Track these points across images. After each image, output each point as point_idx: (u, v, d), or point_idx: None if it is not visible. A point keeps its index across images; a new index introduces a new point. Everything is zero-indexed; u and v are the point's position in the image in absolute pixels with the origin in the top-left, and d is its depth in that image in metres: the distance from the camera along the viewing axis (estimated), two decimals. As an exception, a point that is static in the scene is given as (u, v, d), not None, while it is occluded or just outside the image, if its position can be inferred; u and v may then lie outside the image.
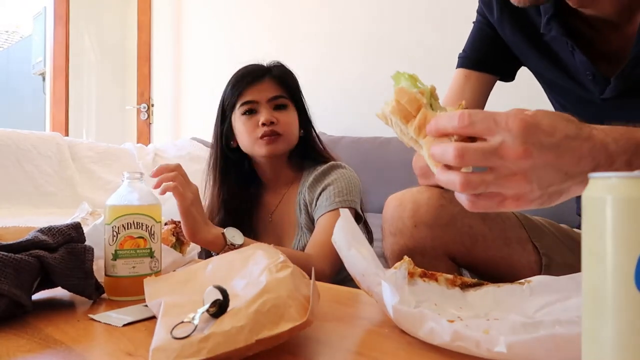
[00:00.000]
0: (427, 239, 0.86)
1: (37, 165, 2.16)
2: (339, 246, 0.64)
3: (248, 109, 1.21)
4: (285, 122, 1.21)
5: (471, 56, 1.01)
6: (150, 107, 3.58)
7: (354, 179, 1.18)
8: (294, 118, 1.24)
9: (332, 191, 1.13)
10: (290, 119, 1.22)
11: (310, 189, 1.18)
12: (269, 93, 1.21)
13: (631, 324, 0.31)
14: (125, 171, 0.77)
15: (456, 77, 1.02)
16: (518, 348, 0.44)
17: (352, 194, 1.14)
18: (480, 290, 0.67)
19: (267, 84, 1.22)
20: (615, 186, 0.32)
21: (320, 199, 1.15)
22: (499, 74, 1.02)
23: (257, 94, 1.21)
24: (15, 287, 0.61)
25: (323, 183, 1.16)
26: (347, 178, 1.17)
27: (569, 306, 0.59)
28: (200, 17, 3.33)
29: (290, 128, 1.22)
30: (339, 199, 1.12)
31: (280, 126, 1.19)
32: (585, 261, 0.33)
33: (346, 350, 0.54)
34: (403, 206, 0.89)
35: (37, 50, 4.12)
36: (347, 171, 1.19)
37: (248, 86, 1.21)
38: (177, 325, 0.46)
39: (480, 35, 1.01)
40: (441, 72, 1.14)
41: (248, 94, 1.21)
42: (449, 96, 1.02)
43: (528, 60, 0.97)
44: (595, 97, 0.86)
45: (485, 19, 1.00)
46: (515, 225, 0.92)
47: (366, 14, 2.49)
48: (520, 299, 0.64)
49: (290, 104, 1.24)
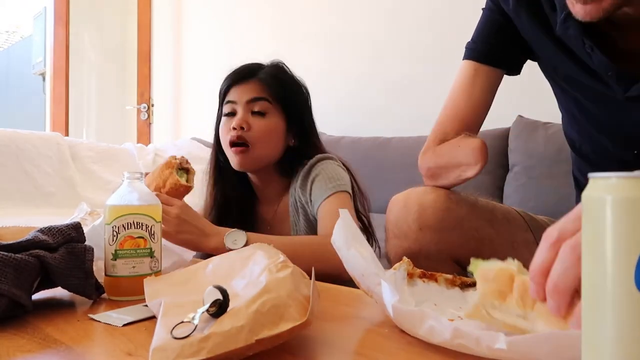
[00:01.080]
0: (432, 243, 0.84)
1: (37, 165, 2.16)
2: (338, 246, 0.64)
3: (229, 110, 1.13)
4: (259, 129, 1.09)
5: (481, 48, 0.95)
6: (150, 107, 3.58)
7: (339, 168, 1.12)
8: (274, 127, 1.11)
9: (321, 180, 1.08)
10: (267, 127, 1.10)
11: (301, 187, 1.12)
12: (250, 94, 1.11)
13: (631, 324, 0.31)
14: (125, 171, 0.77)
15: (464, 70, 0.97)
16: (518, 346, 0.44)
17: (342, 179, 1.09)
18: None
19: (251, 85, 1.12)
20: (615, 186, 0.32)
21: (313, 193, 1.09)
22: (507, 68, 0.97)
23: (238, 95, 1.12)
24: (15, 287, 0.61)
25: (311, 177, 1.10)
26: (332, 167, 1.11)
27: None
28: (200, 17, 3.33)
29: (263, 137, 1.09)
30: (331, 184, 1.07)
31: (250, 134, 1.08)
32: (585, 261, 0.33)
33: (346, 350, 0.54)
34: (408, 208, 0.87)
35: (37, 50, 4.12)
36: (332, 162, 1.13)
37: (233, 85, 1.14)
38: (177, 325, 0.46)
39: (491, 25, 0.95)
40: (442, 72, 1.14)
41: (231, 93, 1.13)
42: (457, 91, 0.97)
43: (544, 53, 0.92)
44: (618, 95, 0.81)
45: (498, 8, 0.93)
46: (522, 228, 0.90)
47: (367, 14, 2.49)
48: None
49: (274, 110, 1.12)
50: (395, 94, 2.38)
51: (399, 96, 2.37)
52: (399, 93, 2.37)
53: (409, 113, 2.31)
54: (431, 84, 2.20)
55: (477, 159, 0.84)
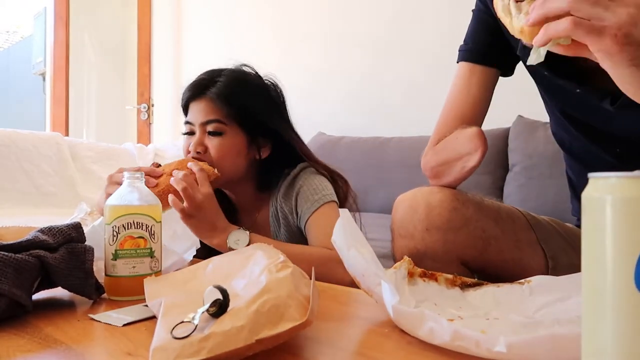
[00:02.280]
0: (439, 243, 0.83)
1: (37, 165, 2.17)
2: (338, 246, 0.64)
3: (187, 129, 1.11)
4: (216, 150, 1.07)
5: (474, 49, 0.96)
6: (150, 107, 3.58)
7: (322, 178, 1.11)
8: (231, 145, 1.08)
9: (306, 192, 1.07)
10: (222, 147, 1.07)
11: (284, 197, 1.10)
12: (203, 115, 1.08)
13: (631, 324, 0.31)
14: (126, 171, 0.78)
15: (460, 72, 0.97)
16: (518, 348, 0.44)
17: (326, 189, 1.08)
18: (480, 290, 0.67)
19: (204, 104, 1.09)
20: (615, 186, 0.32)
21: (299, 206, 1.09)
22: (501, 68, 0.97)
23: (194, 115, 1.09)
24: (15, 287, 0.61)
25: (295, 188, 1.09)
26: (315, 178, 1.10)
27: (568, 306, 0.59)
28: (200, 17, 3.33)
29: (222, 157, 1.07)
30: (317, 196, 1.06)
31: (208, 156, 1.07)
32: (585, 261, 0.33)
33: (346, 350, 0.54)
34: (414, 208, 0.86)
35: (37, 50, 4.12)
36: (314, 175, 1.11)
37: (189, 102, 1.11)
38: (177, 325, 0.46)
39: (481, 26, 0.96)
40: (443, 72, 1.14)
41: (189, 112, 1.11)
42: (455, 92, 0.97)
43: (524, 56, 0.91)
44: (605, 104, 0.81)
45: (486, 8, 0.94)
46: (525, 227, 0.90)
47: (367, 14, 2.49)
48: (519, 299, 0.64)
49: (231, 128, 1.08)
50: (395, 94, 2.38)
51: (399, 96, 2.37)
52: (399, 93, 2.37)
53: (409, 113, 2.31)
54: (432, 84, 2.21)
55: (477, 145, 0.83)
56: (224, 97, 1.08)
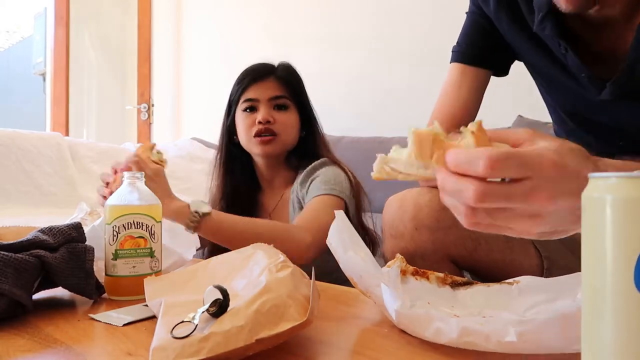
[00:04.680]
0: (428, 242, 0.84)
1: (38, 165, 2.16)
2: (334, 248, 0.63)
3: (249, 106, 1.24)
4: (283, 122, 1.23)
5: (466, 50, 0.98)
6: (151, 107, 3.58)
7: (341, 174, 1.19)
8: (293, 119, 1.26)
9: (320, 181, 1.15)
10: (288, 120, 1.24)
11: (301, 184, 1.19)
12: (271, 92, 1.24)
13: (631, 324, 0.31)
14: (126, 171, 0.78)
15: (452, 73, 0.99)
16: (529, 334, 0.44)
17: (339, 185, 1.15)
18: (471, 289, 0.68)
19: (270, 83, 1.25)
20: (615, 186, 0.32)
21: (309, 191, 1.16)
22: (494, 69, 0.99)
23: (259, 92, 1.23)
24: (15, 286, 0.61)
25: (313, 176, 1.18)
26: (335, 171, 1.18)
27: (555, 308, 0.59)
28: (200, 17, 3.33)
29: (287, 129, 1.24)
30: (326, 186, 1.13)
31: (277, 126, 1.22)
32: (585, 261, 0.33)
33: (346, 350, 0.54)
34: (404, 208, 0.87)
35: (37, 50, 4.12)
36: (336, 168, 1.20)
37: (251, 83, 1.24)
38: (177, 325, 0.46)
39: (475, 28, 0.98)
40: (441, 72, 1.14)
41: (251, 92, 1.24)
42: (446, 93, 0.99)
43: (525, 54, 0.94)
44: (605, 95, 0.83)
45: (480, 10, 0.96)
46: None
47: (366, 14, 2.50)
48: (509, 299, 0.64)
49: (292, 105, 1.25)
50: (395, 94, 2.38)
51: (399, 96, 2.37)
52: (399, 93, 2.37)
53: (409, 113, 2.31)
54: (431, 84, 2.20)
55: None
56: (288, 79, 1.27)
